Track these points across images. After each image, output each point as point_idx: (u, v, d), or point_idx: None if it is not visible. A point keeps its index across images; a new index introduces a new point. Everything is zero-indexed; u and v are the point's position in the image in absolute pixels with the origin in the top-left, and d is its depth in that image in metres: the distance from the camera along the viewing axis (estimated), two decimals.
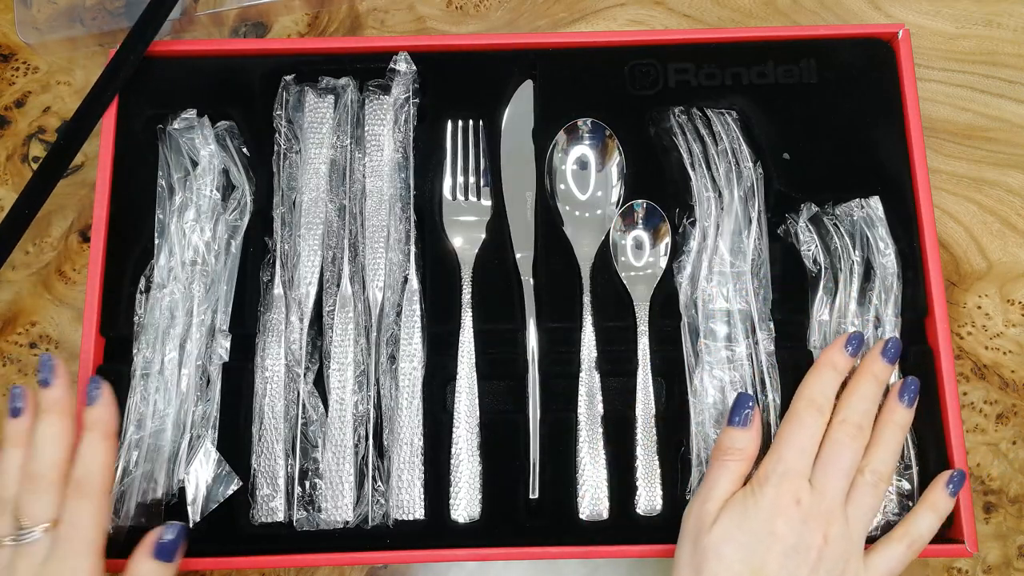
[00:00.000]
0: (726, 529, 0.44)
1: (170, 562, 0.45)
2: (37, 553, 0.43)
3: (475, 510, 0.51)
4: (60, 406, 0.46)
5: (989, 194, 0.60)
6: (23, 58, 0.63)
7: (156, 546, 0.45)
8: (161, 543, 0.45)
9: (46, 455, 0.45)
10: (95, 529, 0.44)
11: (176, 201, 0.55)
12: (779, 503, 0.44)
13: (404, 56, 0.57)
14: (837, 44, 0.58)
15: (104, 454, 0.46)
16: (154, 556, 0.44)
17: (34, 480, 0.44)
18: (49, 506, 0.44)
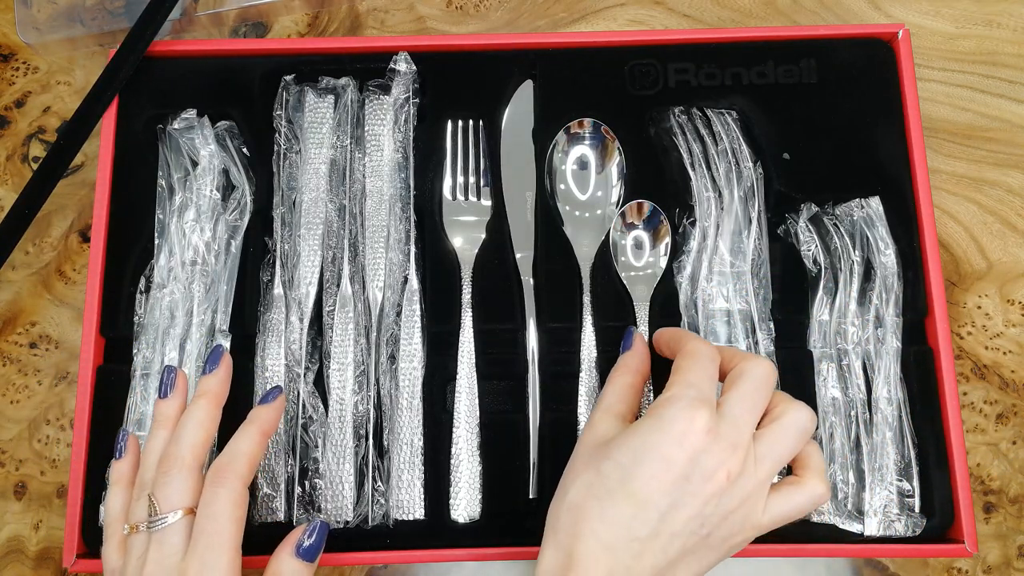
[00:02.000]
0: (619, 447, 0.40)
1: (312, 562, 0.43)
2: (171, 543, 0.41)
3: (475, 510, 0.51)
4: (215, 394, 0.45)
5: (989, 194, 0.60)
6: (23, 58, 0.63)
7: (300, 546, 0.43)
8: (306, 544, 0.43)
9: (187, 437, 0.43)
10: (231, 521, 0.41)
11: (176, 201, 0.55)
12: (683, 428, 0.39)
13: (404, 56, 0.57)
14: (837, 44, 0.58)
15: (248, 442, 0.44)
16: (297, 555, 0.43)
17: (169, 461, 0.43)
18: (183, 492, 0.42)
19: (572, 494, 0.40)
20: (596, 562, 0.38)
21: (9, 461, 0.56)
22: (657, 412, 0.40)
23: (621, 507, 0.39)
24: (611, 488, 0.39)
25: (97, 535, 0.50)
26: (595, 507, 0.39)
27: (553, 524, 0.41)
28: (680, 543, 0.39)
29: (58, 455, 0.56)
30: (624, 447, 0.40)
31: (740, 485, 0.40)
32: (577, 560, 0.38)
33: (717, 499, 0.39)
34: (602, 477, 0.40)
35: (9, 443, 0.56)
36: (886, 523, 0.50)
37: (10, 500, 0.55)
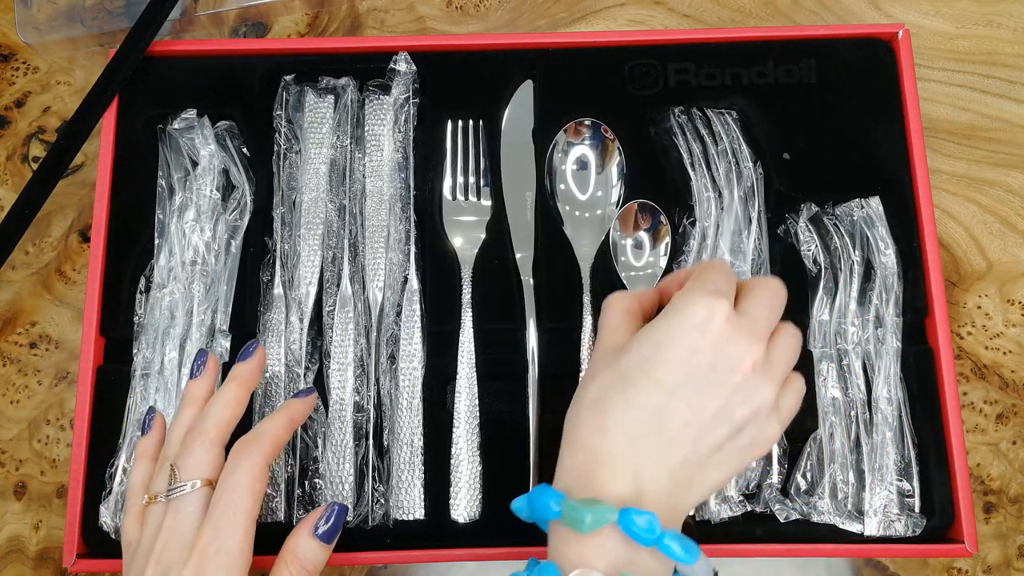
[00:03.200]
0: (638, 341, 0.38)
1: (329, 544, 0.42)
2: (188, 511, 0.40)
3: (475, 510, 0.51)
4: (247, 380, 0.45)
5: (989, 194, 0.60)
6: (23, 58, 0.63)
7: (317, 528, 0.42)
8: (321, 528, 0.42)
9: (213, 414, 0.43)
10: (249, 493, 0.40)
11: (176, 201, 0.55)
12: (704, 317, 0.37)
13: (404, 56, 0.57)
14: (837, 44, 0.58)
15: (274, 425, 0.43)
16: (315, 536, 0.42)
17: (193, 434, 0.43)
18: (204, 463, 0.42)
19: (591, 392, 0.38)
20: (622, 458, 0.36)
21: (9, 461, 0.56)
22: (675, 305, 0.38)
23: (647, 394, 0.37)
24: (634, 378, 0.37)
25: (97, 535, 0.50)
26: (618, 398, 0.37)
27: (573, 426, 0.38)
28: (710, 439, 0.37)
29: (58, 455, 0.56)
30: (643, 340, 0.38)
31: (765, 377, 0.38)
32: (601, 458, 0.36)
33: (744, 392, 0.37)
34: (622, 372, 0.38)
35: (9, 443, 0.56)
36: (886, 523, 0.50)
37: (10, 500, 0.55)
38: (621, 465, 0.36)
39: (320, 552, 0.42)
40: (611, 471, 0.36)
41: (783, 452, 0.51)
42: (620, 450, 0.36)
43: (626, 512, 0.35)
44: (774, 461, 0.51)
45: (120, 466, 0.51)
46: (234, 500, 0.40)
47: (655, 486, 0.36)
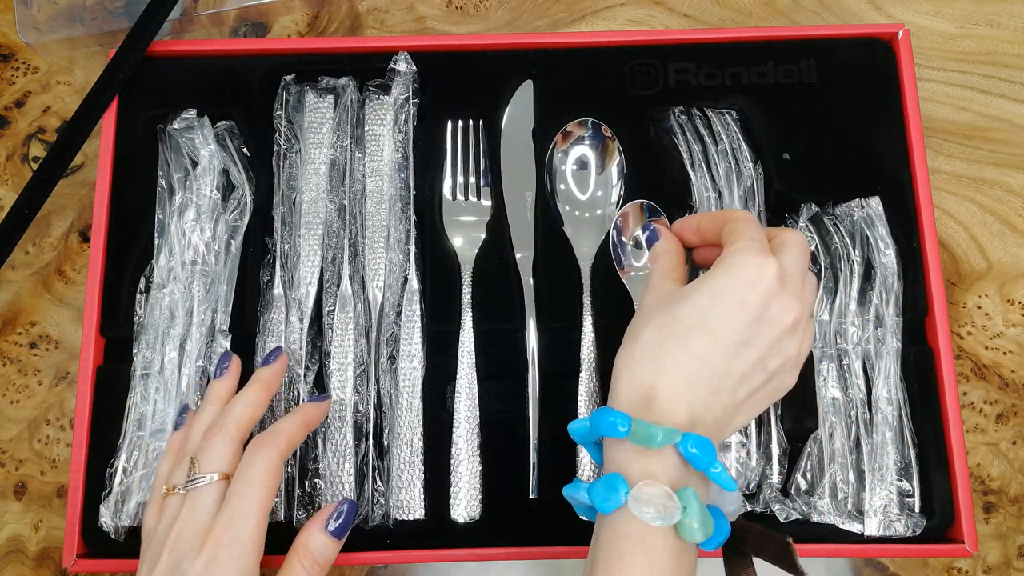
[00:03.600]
0: (695, 291, 0.41)
1: (340, 539, 0.44)
2: (204, 503, 0.42)
3: (475, 510, 0.51)
4: (268, 383, 0.47)
5: (989, 194, 0.60)
6: (23, 58, 0.63)
7: (330, 522, 0.44)
8: (332, 526, 0.44)
9: (234, 412, 0.45)
10: (263, 488, 0.42)
11: (176, 201, 0.55)
12: (756, 273, 0.40)
13: (404, 56, 0.57)
14: (837, 44, 0.58)
15: (291, 424, 0.45)
16: (327, 531, 0.44)
17: (213, 430, 0.44)
18: (223, 457, 0.43)
19: (647, 335, 0.41)
20: (679, 394, 0.39)
21: (9, 461, 0.56)
22: (728, 261, 0.41)
23: (702, 341, 0.40)
24: (691, 325, 0.40)
25: (97, 535, 0.50)
26: (675, 343, 0.40)
27: (627, 363, 0.41)
28: (747, 386, 0.41)
29: (58, 455, 0.56)
30: (700, 291, 0.41)
31: (799, 333, 0.42)
32: (659, 392, 0.39)
33: (779, 344, 0.41)
34: (679, 318, 0.41)
35: (9, 443, 0.56)
36: (886, 523, 0.50)
37: (10, 500, 0.55)
38: (677, 400, 0.39)
39: (331, 547, 0.44)
40: (669, 404, 0.39)
41: (783, 452, 0.51)
42: (676, 387, 0.39)
43: (687, 436, 0.38)
44: (774, 461, 0.51)
45: (120, 466, 0.51)
46: (249, 493, 0.42)
47: (703, 424, 0.40)
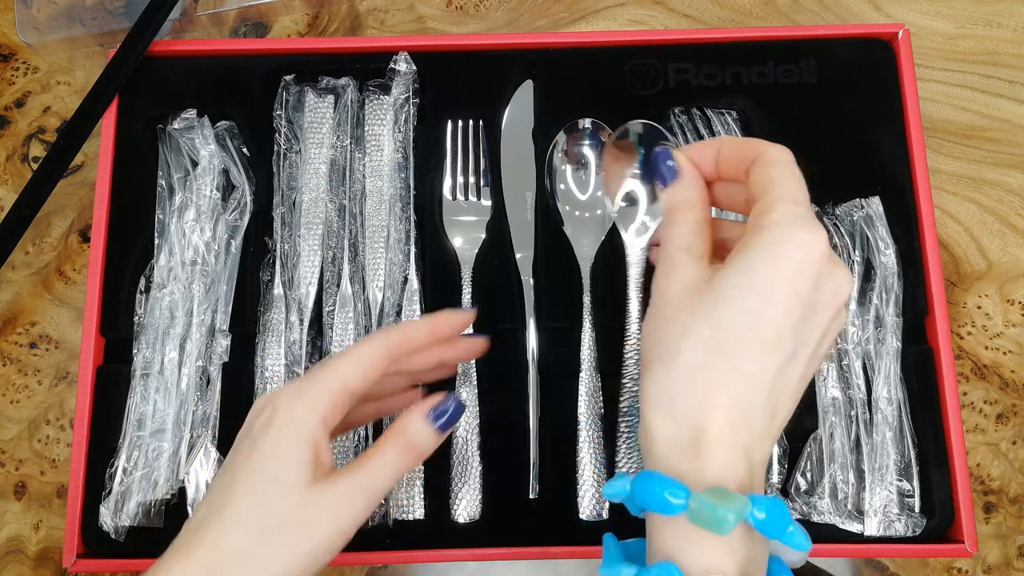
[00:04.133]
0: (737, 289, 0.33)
1: (443, 432, 0.39)
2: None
3: (475, 510, 0.51)
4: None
5: (989, 194, 0.60)
6: (23, 58, 0.63)
7: (436, 411, 0.39)
8: (443, 414, 0.39)
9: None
10: (350, 363, 0.38)
11: (176, 201, 0.55)
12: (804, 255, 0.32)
13: (404, 56, 0.57)
14: (837, 44, 0.58)
15: (412, 323, 0.41)
16: (430, 419, 0.38)
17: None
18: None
19: (688, 354, 0.32)
20: (735, 434, 0.32)
21: (9, 461, 0.56)
22: (771, 239, 0.33)
23: (756, 358, 0.32)
24: (742, 337, 0.32)
25: (97, 535, 0.50)
26: (727, 365, 0.32)
27: (666, 394, 0.33)
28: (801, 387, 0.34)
29: (58, 455, 0.56)
30: (743, 287, 0.32)
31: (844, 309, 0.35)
32: (712, 436, 0.32)
33: (833, 329, 0.34)
34: (725, 328, 0.32)
35: (9, 443, 0.56)
36: (886, 523, 0.50)
37: (10, 500, 0.55)
38: (734, 444, 0.32)
39: (430, 438, 0.39)
40: (725, 450, 0.32)
41: (783, 452, 0.51)
42: (732, 425, 0.32)
43: (756, 501, 0.31)
44: (774, 461, 0.51)
45: (120, 466, 0.51)
46: (330, 361, 0.39)
47: (762, 462, 0.33)
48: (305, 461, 0.36)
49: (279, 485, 0.35)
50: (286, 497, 0.35)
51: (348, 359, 0.38)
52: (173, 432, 0.51)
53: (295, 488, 0.35)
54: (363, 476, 0.37)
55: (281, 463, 0.36)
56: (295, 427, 0.36)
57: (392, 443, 0.38)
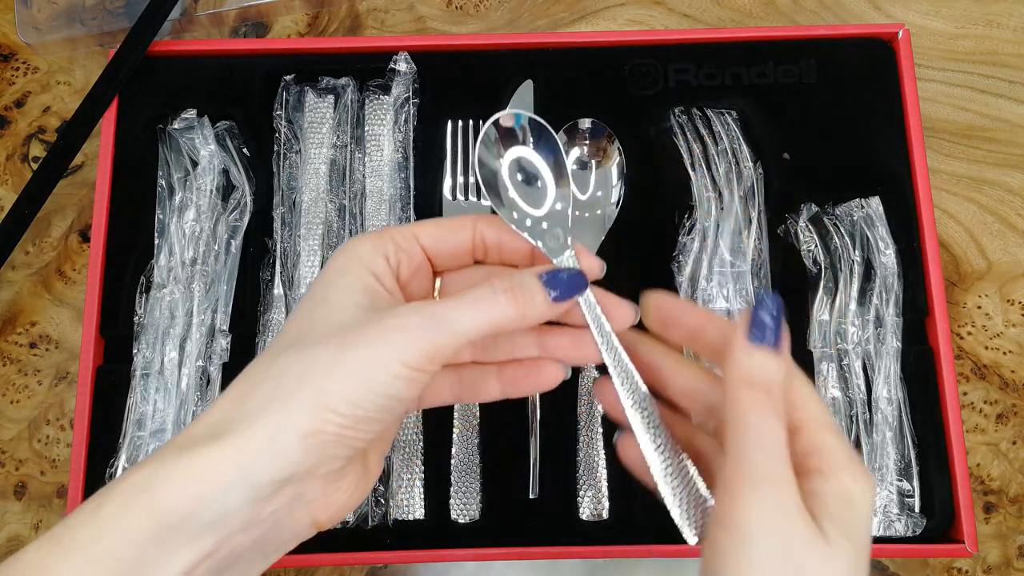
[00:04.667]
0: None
1: (555, 303, 0.33)
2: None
3: (475, 510, 0.51)
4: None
5: (989, 194, 0.60)
6: (23, 58, 0.63)
7: (548, 276, 0.33)
8: (557, 276, 0.33)
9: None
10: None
11: (176, 201, 0.55)
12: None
13: (404, 56, 0.57)
14: (837, 44, 0.58)
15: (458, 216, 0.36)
16: (540, 279, 0.32)
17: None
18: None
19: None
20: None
21: (9, 461, 0.56)
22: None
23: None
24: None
25: None
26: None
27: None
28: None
29: (58, 455, 0.56)
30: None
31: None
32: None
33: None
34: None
35: (9, 443, 0.56)
36: (886, 523, 0.50)
37: (10, 500, 0.55)
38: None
39: (542, 298, 0.32)
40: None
41: None
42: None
43: None
44: None
45: (120, 466, 0.51)
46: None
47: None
48: (359, 287, 0.32)
49: (328, 305, 0.32)
50: (334, 315, 0.32)
51: (428, 220, 0.35)
52: (173, 432, 0.51)
53: (345, 309, 0.32)
54: (439, 305, 0.31)
55: (331, 287, 0.33)
56: (352, 255, 0.33)
57: (489, 287, 0.32)
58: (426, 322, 0.31)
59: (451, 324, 0.31)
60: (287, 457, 0.29)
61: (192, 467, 0.29)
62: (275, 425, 0.29)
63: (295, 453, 0.29)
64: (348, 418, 0.30)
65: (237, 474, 0.29)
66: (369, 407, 0.30)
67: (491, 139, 0.35)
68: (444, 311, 0.31)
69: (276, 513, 0.31)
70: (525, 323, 0.32)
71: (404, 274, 0.34)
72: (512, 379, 0.37)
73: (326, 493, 0.32)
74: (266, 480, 0.29)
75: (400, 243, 0.34)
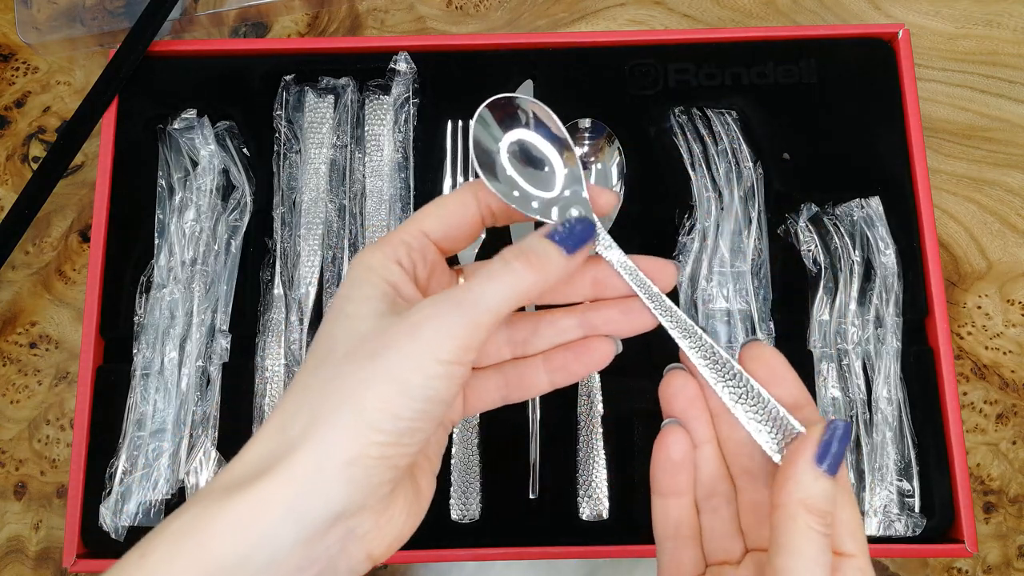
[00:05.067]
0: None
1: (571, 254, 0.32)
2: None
3: (475, 510, 0.51)
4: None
5: (989, 194, 0.60)
6: (23, 58, 0.63)
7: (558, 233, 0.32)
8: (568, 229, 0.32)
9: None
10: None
11: (176, 201, 0.55)
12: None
13: (404, 56, 0.57)
14: (837, 44, 0.58)
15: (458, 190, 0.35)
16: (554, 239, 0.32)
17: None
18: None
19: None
20: None
21: (9, 461, 0.56)
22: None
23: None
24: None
25: (97, 535, 0.50)
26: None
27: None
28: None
29: (58, 455, 0.56)
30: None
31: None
32: None
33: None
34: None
35: (9, 443, 0.56)
36: (886, 523, 0.50)
37: (10, 500, 0.55)
38: None
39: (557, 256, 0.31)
40: None
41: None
42: None
43: None
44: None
45: (120, 466, 0.51)
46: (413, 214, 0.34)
47: None
48: (375, 295, 0.31)
49: (348, 319, 0.31)
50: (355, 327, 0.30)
51: (428, 207, 0.34)
52: (173, 432, 0.51)
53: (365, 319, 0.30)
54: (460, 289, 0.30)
55: (348, 300, 0.31)
56: (364, 267, 0.32)
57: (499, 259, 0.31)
58: (453, 310, 0.29)
59: (477, 305, 0.30)
60: (334, 488, 0.28)
61: (239, 509, 0.28)
62: (318, 455, 0.28)
63: (340, 483, 0.28)
64: (390, 433, 0.29)
65: (285, 512, 0.28)
66: (410, 415, 0.29)
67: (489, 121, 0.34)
68: (466, 294, 0.30)
69: (329, 551, 0.29)
70: (548, 283, 0.31)
71: (422, 276, 0.34)
72: (562, 364, 0.36)
73: (379, 524, 0.30)
74: (316, 516, 0.28)
75: (411, 243, 0.33)
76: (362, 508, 0.29)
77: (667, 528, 0.34)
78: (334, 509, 0.28)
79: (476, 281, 0.30)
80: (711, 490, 0.34)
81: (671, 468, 0.34)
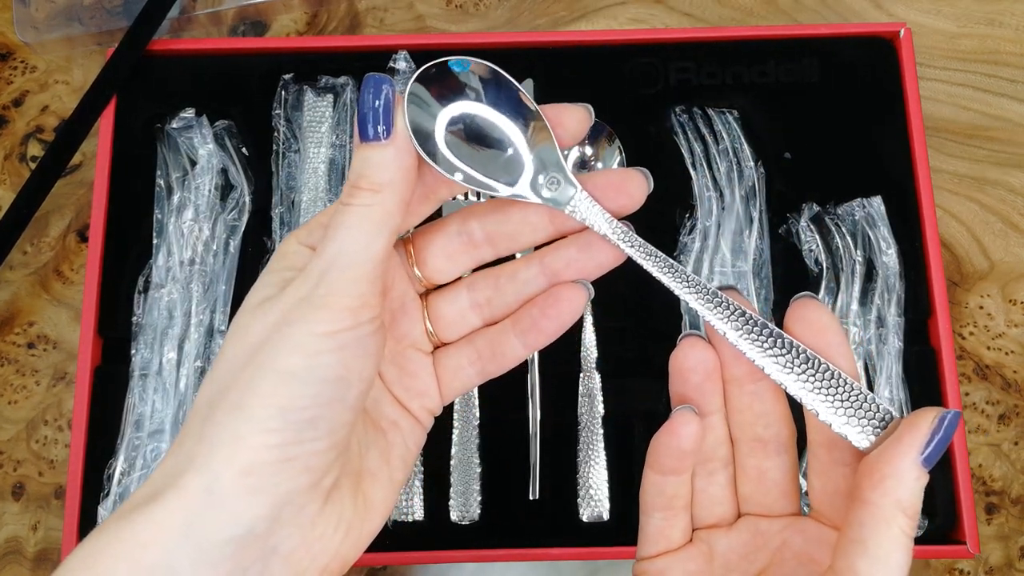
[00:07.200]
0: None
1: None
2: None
3: (475, 511, 0.51)
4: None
5: (991, 194, 0.60)
6: (21, 57, 0.63)
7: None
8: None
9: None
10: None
11: (174, 201, 0.55)
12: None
13: (404, 55, 0.57)
14: (839, 43, 0.58)
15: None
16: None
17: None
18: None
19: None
20: None
21: (7, 462, 0.56)
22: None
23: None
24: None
25: None
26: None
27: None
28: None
29: (56, 456, 0.56)
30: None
31: None
32: None
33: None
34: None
35: (7, 444, 0.56)
36: None
37: (8, 501, 0.55)
38: None
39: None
40: None
41: None
42: None
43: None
44: None
45: (118, 467, 0.51)
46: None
47: None
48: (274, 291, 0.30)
49: (235, 323, 0.30)
50: (247, 324, 0.30)
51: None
52: (171, 433, 0.51)
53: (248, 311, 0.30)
54: (317, 255, 0.29)
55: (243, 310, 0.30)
56: (278, 255, 0.32)
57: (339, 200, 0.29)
58: (320, 279, 0.27)
59: (336, 263, 0.28)
60: (234, 504, 0.25)
61: (132, 535, 0.25)
62: (210, 470, 0.26)
63: (241, 497, 0.25)
64: (283, 431, 0.26)
65: (180, 536, 0.25)
66: (301, 404, 0.26)
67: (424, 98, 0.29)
68: (322, 258, 0.28)
69: (247, 574, 0.26)
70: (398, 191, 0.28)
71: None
72: (531, 324, 0.32)
73: (307, 540, 0.28)
74: (216, 538, 0.25)
75: (324, 222, 0.30)
76: (277, 522, 0.26)
77: (659, 500, 0.31)
78: (239, 528, 0.26)
79: (328, 237, 0.28)
80: (710, 455, 0.31)
81: (679, 455, 0.30)
